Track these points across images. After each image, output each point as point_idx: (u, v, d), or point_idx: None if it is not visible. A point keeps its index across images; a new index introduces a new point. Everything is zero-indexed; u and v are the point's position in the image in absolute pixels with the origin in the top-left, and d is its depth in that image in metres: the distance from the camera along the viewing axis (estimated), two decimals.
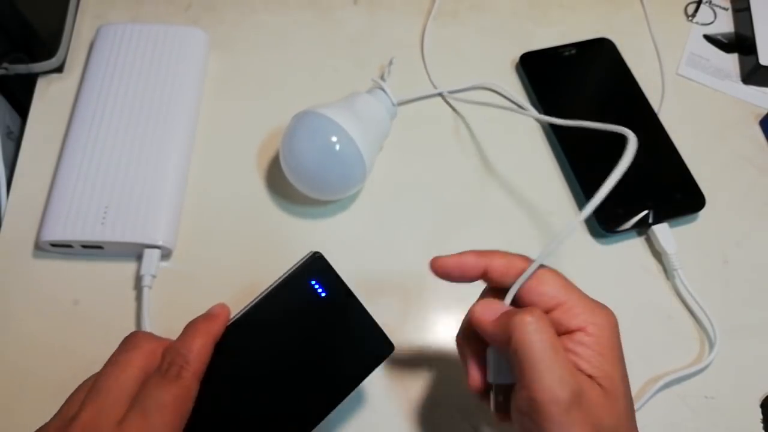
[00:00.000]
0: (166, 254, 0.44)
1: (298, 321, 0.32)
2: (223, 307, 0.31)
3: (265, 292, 0.32)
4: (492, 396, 0.30)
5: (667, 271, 0.46)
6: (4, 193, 0.46)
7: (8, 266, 0.44)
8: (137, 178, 0.44)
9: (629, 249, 0.47)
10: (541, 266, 0.30)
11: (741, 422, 0.41)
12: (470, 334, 0.31)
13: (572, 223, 0.31)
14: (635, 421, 0.28)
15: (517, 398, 0.27)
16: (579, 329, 0.28)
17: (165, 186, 0.44)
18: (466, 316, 0.31)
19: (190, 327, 0.30)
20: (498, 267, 0.30)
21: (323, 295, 0.32)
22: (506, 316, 0.28)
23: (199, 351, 0.28)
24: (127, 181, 0.44)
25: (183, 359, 0.28)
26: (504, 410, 0.29)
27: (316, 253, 0.33)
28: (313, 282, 0.32)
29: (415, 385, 0.41)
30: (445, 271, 0.31)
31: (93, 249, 0.43)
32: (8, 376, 0.40)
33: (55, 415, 0.27)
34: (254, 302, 0.31)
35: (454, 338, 0.33)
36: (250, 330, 0.31)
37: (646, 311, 0.45)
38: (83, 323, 0.42)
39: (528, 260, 0.30)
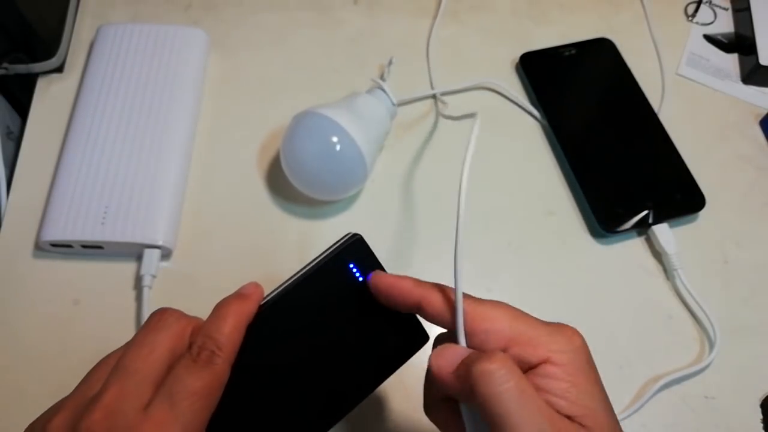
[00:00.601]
0: (166, 254, 0.44)
1: (334, 305, 0.30)
2: (256, 286, 0.29)
3: (302, 273, 0.29)
4: None
5: (667, 271, 0.46)
6: (4, 193, 0.46)
7: (8, 266, 0.44)
8: (137, 178, 0.44)
9: (629, 249, 0.47)
10: (485, 301, 0.27)
11: (741, 422, 0.41)
12: (436, 396, 0.29)
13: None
14: None
15: None
16: (543, 361, 0.25)
17: (165, 186, 0.44)
18: (425, 378, 0.29)
19: (222, 307, 0.27)
20: (435, 302, 0.27)
21: (361, 279, 0.30)
22: (464, 367, 0.25)
23: (231, 334, 0.26)
24: (127, 181, 0.44)
25: (215, 343, 0.26)
26: None
27: (356, 234, 0.30)
28: (352, 265, 0.30)
29: (415, 385, 0.41)
30: (378, 289, 0.29)
31: (93, 249, 0.43)
32: (8, 376, 0.40)
33: (74, 392, 0.25)
34: (289, 283, 0.29)
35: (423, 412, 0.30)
36: (283, 313, 0.29)
37: (646, 311, 0.45)
38: (83, 323, 0.42)
39: (467, 296, 0.27)
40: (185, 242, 0.45)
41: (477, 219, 0.48)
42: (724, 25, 0.58)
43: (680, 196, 0.48)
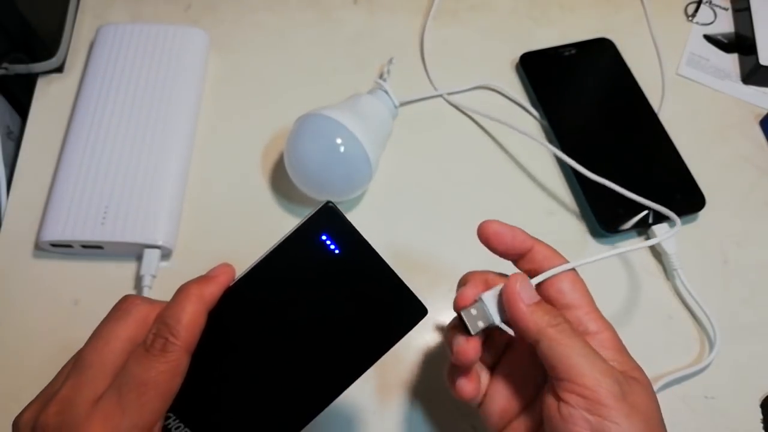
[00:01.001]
0: (166, 254, 0.44)
1: (308, 282, 0.27)
2: (225, 267, 0.28)
3: (269, 251, 0.27)
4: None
5: (667, 271, 0.46)
6: (4, 193, 0.46)
7: (8, 266, 0.44)
8: (137, 178, 0.44)
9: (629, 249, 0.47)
10: (573, 270, 0.31)
11: (741, 422, 0.41)
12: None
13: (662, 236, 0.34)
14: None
15: (562, 396, 0.27)
16: (597, 332, 0.29)
17: (165, 186, 0.44)
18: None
19: (181, 291, 0.26)
20: (543, 251, 0.31)
21: (336, 252, 0.27)
22: (543, 311, 0.28)
23: (190, 320, 0.25)
24: (127, 181, 0.44)
25: (169, 330, 0.25)
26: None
27: (329, 202, 0.27)
28: (325, 236, 0.27)
29: (415, 385, 0.41)
30: (497, 233, 0.31)
31: (93, 249, 0.43)
32: (8, 376, 0.40)
33: (40, 393, 0.26)
34: (256, 263, 0.27)
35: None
36: (253, 294, 0.27)
37: (646, 311, 0.45)
38: (83, 323, 0.42)
39: (563, 257, 0.31)
40: (185, 242, 0.45)
41: (477, 218, 0.47)
42: (724, 25, 0.58)
43: (680, 196, 0.48)
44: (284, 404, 0.27)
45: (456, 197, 0.48)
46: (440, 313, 0.44)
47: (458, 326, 0.30)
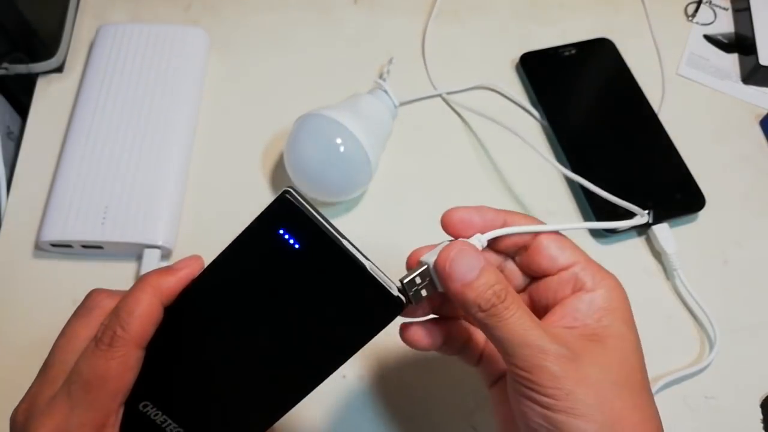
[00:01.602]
0: (166, 254, 0.44)
1: (268, 279, 0.26)
2: (192, 259, 0.26)
3: (229, 244, 0.26)
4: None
5: (667, 271, 0.46)
6: (4, 193, 0.46)
7: (8, 266, 0.44)
8: (137, 178, 0.44)
9: (629, 249, 0.47)
10: (557, 233, 0.29)
11: (741, 422, 0.41)
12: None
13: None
14: (648, 382, 0.27)
15: (510, 375, 0.26)
16: (592, 289, 0.27)
17: (165, 186, 0.44)
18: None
19: (138, 282, 0.25)
20: (519, 222, 0.28)
21: (296, 246, 0.25)
22: (476, 291, 0.25)
23: (142, 313, 0.24)
24: (127, 181, 0.44)
25: (119, 323, 0.24)
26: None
27: (286, 191, 0.25)
28: (282, 231, 0.25)
29: (415, 385, 0.41)
30: (463, 220, 0.28)
31: (93, 249, 0.43)
32: (8, 377, 0.40)
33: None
34: (217, 256, 0.26)
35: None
36: (213, 290, 0.26)
37: (646, 311, 0.45)
38: None
39: (541, 222, 0.29)
40: (185, 242, 0.45)
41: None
42: (724, 25, 0.58)
43: (680, 196, 0.48)
44: (254, 398, 0.27)
45: (456, 197, 0.48)
46: None
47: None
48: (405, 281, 0.27)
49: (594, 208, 0.47)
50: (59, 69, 0.51)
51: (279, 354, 0.26)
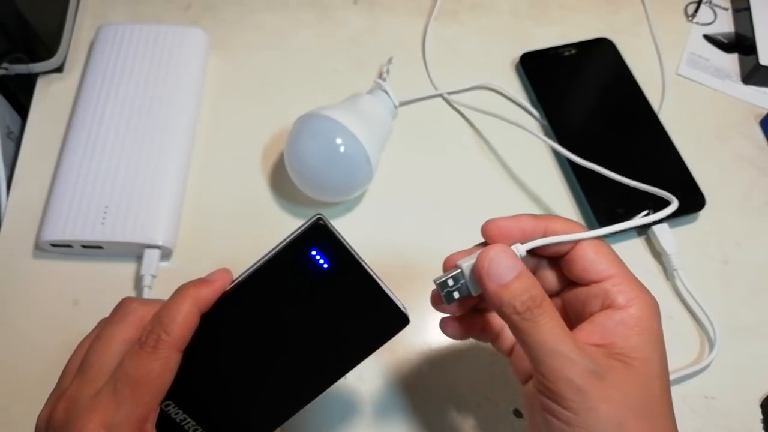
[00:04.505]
0: (166, 254, 0.44)
1: (297, 293, 0.29)
2: (223, 272, 0.29)
3: (262, 261, 0.29)
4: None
5: (667, 271, 0.46)
6: (4, 193, 0.46)
7: (8, 266, 0.44)
8: (137, 178, 0.44)
9: (629, 249, 0.47)
10: (598, 238, 0.28)
11: (741, 422, 0.41)
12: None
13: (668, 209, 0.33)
14: (671, 407, 0.27)
15: (536, 385, 0.26)
16: (623, 307, 0.27)
17: (165, 186, 0.44)
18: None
19: (178, 292, 0.28)
20: (559, 230, 0.28)
21: (326, 266, 0.28)
22: (511, 294, 0.26)
23: (183, 319, 0.27)
24: (127, 181, 0.44)
25: (163, 328, 0.26)
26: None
27: (319, 218, 0.28)
28: (314, 252, 0.28)
29: (416, 385, 0.41)
30: (503, 232, 0.28)
31: (93, 249, 0.43)
32: (8, 376, 0.40)
33: (56, 385, 0.28)
34: (249, 271, 0.29)
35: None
36: (245, 301, 0.29)
37: None
38: (83, 323, 0.42)
39: (583, 227, 0.29)
40: (185, 242, 0.45)
41: (477, 218, 0.47)
42: (724, 25, 0.58)
43: (680, 196, 0.48)
44: (270, 398, 0.30)
45: (456, 197, 0.48)
46: (441, 313, 0.44)
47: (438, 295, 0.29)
48: (438, 281, 0.29)
49: (593, 209, 0.47)
50: (59, 69, 0.51)
51: (297, 360, 0.29)
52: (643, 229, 0.47)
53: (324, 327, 0.29)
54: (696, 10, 0.59)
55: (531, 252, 0.28)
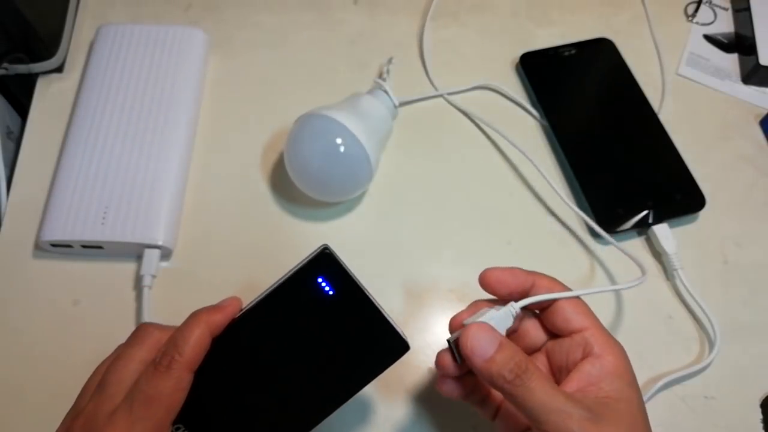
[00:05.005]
0: (166, 254, 0.44)
1: (304, 319, 0.31)
2: (233, 300, 0.31)
3: (271, 289, 0.31)
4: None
5: (667, 271, 0.46)
6: (4, 193, 0.46)
7: (8, 266, 0.44)
8: (137, 178, 0.44)
9: (629, 249, 0.47)
10: (576, 297, 0.32)
11: (741, 422, 0.41)
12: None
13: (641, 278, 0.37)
14: None
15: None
16: (600, 355, 0.30)
17: (165, 186, 0.44)
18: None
19: (191, 317, 0.30)
20: (545, 284, 0.32)
21: (331, 293, 0.30)
22: (497, 365, 0.29)
23: (195, 342, 0.28)
24: (127, 181, 0.44)
25: (176, 350, 0.28)
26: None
27: (325, 248, 0.31)
28: (320, 279, 0.30)
29: (416, 385, 0.41)
30: (499, 280, 0.32)
31: (93, 249, 0.43)
32: (8, 376, 0.40)
33: (74, 402, 0.29)
34: (259, 298, 0.31)
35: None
36: (253, 326, 0.31)
37: (646, 311, 0.45)
38: (83, 323, 0.42)
39: (565, 286, 0.33)
40: (185, 242, 0.45)
41: (477, 218, 0.48)
42: (724, 25, 0.58)
43: (680, 196, 0.48)
44: (275, 422, 0.31)
45: (456, 197, 0.48)
46: (441, 312, 0.44)
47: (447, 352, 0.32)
48: (451, 341, 0.31)
49: (593, 209, 0.47)
50: (59, 69, 0.51)
51: (303, 384, 0.31)
52: (643, 229, 0.47)
53: (328, 351, 0.31)
54: (696, 10, 0.59)
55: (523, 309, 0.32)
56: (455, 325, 0.33)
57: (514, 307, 0.31)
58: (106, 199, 0.43)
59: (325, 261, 0.30)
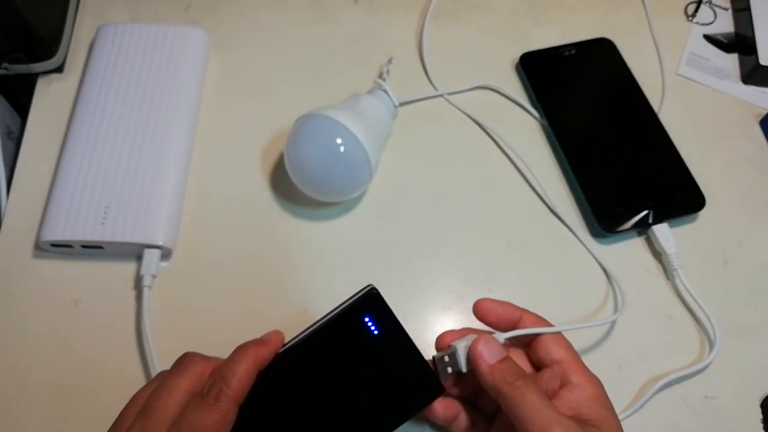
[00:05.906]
0: (166, 254, 0.44)
1: (348, 356, 0.32)
2: (276, 333, 0.32)
3: (318, 324, 0.32)
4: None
5: (667, 271, 0.46)
6: (4, 193, 0.46)
7: (8, 266, 0.44)
8: (137, 178, 0.44)
9: (629, 249, 0.47)
10: (558, 332, 0.35)
11: (741, 422, 0.41)
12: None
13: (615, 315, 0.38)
14: None
15: None
16: (579, 384, 0.32)
17: (165, 186, 0.44)
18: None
19: (239, 350, 0.30)
20: (530, 320, 0.35)
21: (376, 333, 0.31)
22: (501, 370, 0.31)
23: (243, 375, 0.29)
24: (127, 181, 0.44)
25: (225, 382, 0.28)
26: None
27: (373, 288, 0.32)
28: (367, 318, 0.31)
29: None
30: (489, 310, 0.35)
31: (93, 249, 0.43)
32: (8, 376, 0.40)
33: (112, 429, 0.29)
34: (306, 333, 0.32)
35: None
36: (298, 361, 0.31)
37: (646, 311, 0.45)
38: (83, 323, 0.42)
39: (549, 323, 0.35)
40: (185, 242, 0.45)
41: (477, 218, 0.48)
42: (724, 25, 0.58)
43: (680, 196, 0.48)
44: None
45: (455, 197, 0.48)
46: (441, 313, 0.44)
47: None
48: (436, 358, 0.33)
49: (593, 209, 0.47)
50: (59, 69, 0.51)
51: (344, 420, 0.31)
52: (643, 229, 0.47)
53: (368, 389, 0.31)
54: (696, 10, 0.59)
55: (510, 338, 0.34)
56: (442, 344, 0.35)
57: (502, 336, 0.33)
58: (106, 199, 0.43)
59: (372, 301, 0.32)
